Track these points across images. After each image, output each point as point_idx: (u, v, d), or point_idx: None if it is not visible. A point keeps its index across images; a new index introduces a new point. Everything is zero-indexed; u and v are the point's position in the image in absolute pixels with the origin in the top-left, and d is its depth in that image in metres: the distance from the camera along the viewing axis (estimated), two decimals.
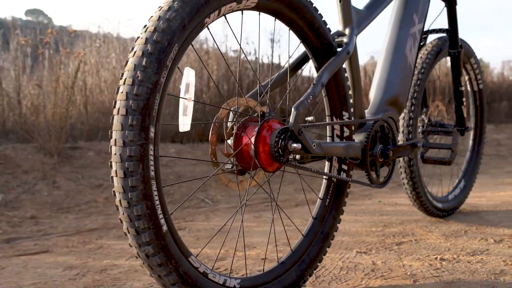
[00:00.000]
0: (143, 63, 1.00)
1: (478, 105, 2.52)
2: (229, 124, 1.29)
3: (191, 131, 4.07)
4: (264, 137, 1.25)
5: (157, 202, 1.04)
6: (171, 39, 1.03)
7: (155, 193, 1.03)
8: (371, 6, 1.69)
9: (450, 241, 1.87)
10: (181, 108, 1.11)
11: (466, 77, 2.46)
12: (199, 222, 2.43)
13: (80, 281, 1.59)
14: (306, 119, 1.42)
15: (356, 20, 1.58)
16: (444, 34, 2.18)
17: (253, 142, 1.23)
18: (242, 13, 1.25)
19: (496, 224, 2.11)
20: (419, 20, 1.87)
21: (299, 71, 1.55)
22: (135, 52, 1.03)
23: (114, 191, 1.03)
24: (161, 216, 1.04)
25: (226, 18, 1.21)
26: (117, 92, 1.02)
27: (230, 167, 1.31)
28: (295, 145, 1.26)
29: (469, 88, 2.51)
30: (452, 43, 2.17)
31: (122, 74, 1.04)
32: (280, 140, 1.25)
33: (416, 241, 1.89)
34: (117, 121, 1.00)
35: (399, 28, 1.81)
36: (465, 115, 2.25)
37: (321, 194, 1.53)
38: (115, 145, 1.00)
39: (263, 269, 1.35)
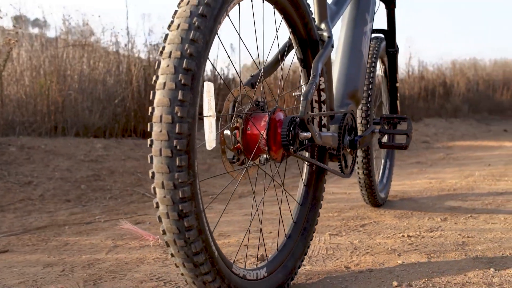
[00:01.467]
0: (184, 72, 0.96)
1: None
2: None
3: (115, 125, 3.96)
4: (275, 126, 1.27)
5: (208, 233, 1.03)
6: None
7: (206, 225, 1.03)
8: (338, 3, 1.81)
9: (404, 221, 2.10)
10: (206, 126, 1.05)
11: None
12: (153, 215, 2.41)
13: (73, 275, 1.54)
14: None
15: (329, 15, 1.69)
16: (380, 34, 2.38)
17: (264, 132, 1.24)
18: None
19: (432, 206, 2.39)
20: (370, 19, 2.03)
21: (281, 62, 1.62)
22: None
23: (164, 230, 0.99)
24: (212, 243, 1.04)
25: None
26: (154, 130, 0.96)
27: (235, 160, 1.33)
28: (305, 134, 1.30)
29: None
30: (390, 42, 2.35)
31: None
32: (291, 130, 1.27)
33: (376, 223, 2.09)
34: (160, 162, 0.95)
35: (354, 27, 1.94)
36: (399, 109, 2.49)
37: (305, 181, 1.60)
38: (163, 187, 0.95)
39: (277, 248, 1.42)
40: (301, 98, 1.31)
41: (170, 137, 0.93)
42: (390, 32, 2.34)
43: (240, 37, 1.36)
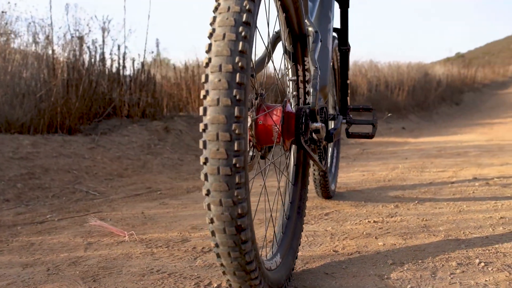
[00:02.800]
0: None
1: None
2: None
3: (40, 121, 3.71)
4: (289, 117, 1.31)
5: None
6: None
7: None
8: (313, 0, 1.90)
9: (362, 209, 2.26)
10: None
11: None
12: (108, 212, 2.34)
13: (64, 274, 1.48)
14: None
15: (309, 11, 1.77)
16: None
17: (278, 123, 1.26)
18: None
19: (379, 196, 2.58)
20: (332, 17, 2.15)
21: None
22: None
23: (217, 243, 0.99)
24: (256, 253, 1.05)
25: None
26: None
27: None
28: (316, 124, 1.36)
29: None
30: (343, 41, 2.42)
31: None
32: (303, 121, 1.32)
33: (337, 212, 2.22)
34: (218, 181, 0.93)
35: (319, 24, 2.03)
36: (348, 105, 2.64)
37: (295, 160, 1.66)
38: (221, 205, 0.94)
39: (283, 231, 1.47)
40: (311, 89, 1.36)
41: (228, 156, 0.91)
42: (343, 31, 2.41)
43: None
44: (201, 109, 0.94)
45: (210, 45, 0.94)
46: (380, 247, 1.65)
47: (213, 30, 0.96)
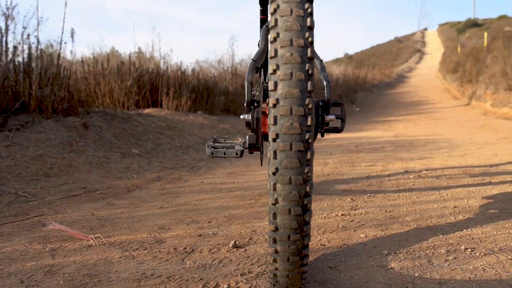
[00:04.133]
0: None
1: None
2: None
3: None
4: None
5: None
6: None
7: None
8: None
9: (323, 204, 2.29)
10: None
11: None
12: (55, 214, 2.14)
13: (45, 284, 1.32)
14: None
15: None
16: None
17: None
18: None
19: (328, 190, 2.64)
20: None
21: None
22: None
23: (277, 226, 0.94)
24: None
25: None
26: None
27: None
28: (330, 117, 1.34)
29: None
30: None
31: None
32: (320, 112, 1.32)
33: None
34: (290, 157, 0.90)
35: None
36: None
37: None
38: (290, 183, 0.90)
39: None
40: (325, 82, 1.35)
41: (302, 131, 0.88)
42: None
43: None
44: (270, 83, 0.89)
45: (276, 20, 0.91)
46: (364, 239, 1.68)
47: (277, 5, 0.92)
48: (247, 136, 1.34)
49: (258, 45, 2.51)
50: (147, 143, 4.48)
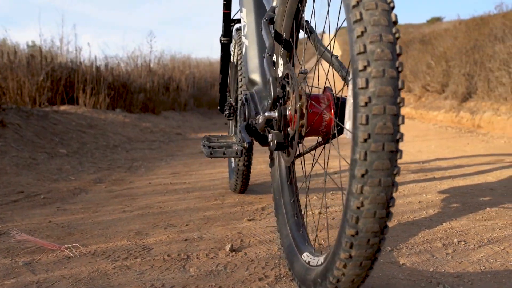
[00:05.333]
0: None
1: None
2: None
3: None
4: (339, 106, 1.19)
5: None
6: None
7: None
8: None
9: None
10: (347, 111, 0.98)
11: None
12: (3, 224, 1.90)
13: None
14: None
15: None
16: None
17: (332, 112, 1.18)
18: None
19: None
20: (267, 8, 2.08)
21: None
22: None
23: (358, 231, 0.88)
24: None
25: None
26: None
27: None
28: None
29: None
30: (226, 31, 2.37)
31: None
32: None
33: (269, 206, 2.19)
34: (382, 158, 0.84)
35: (259, 14, 1.99)
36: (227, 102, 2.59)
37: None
38: (379, 185, 0.85)
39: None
40: (349, 78, 1.28)
41: (394, 130, 0.84)
42: (226, 22, 2.35)
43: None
44: (360, 80, 0.83)
45: (360, 14, 0.85)
46: None
47: None
48: (272, 134, 1.26)
49: (220, 40, 2.42)
50: (71, 142, 4.17)
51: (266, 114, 1.25)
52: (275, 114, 1.23)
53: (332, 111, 1.17)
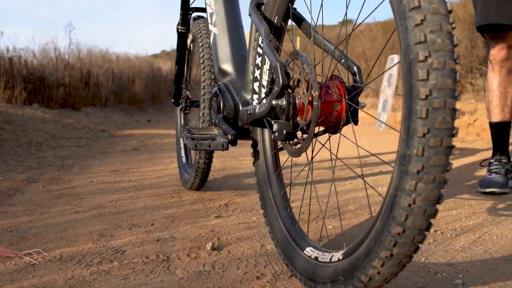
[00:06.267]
0: None
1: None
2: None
3: None
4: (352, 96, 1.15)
5: None
6: None
7: None
8: None
9: (250, 197, 2.21)
10: (380, 103, 0.93)
11: None
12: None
13: None
14: None
15: None
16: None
17: (344, 101, 1.12)
18: None
19: (240, 183, 2.56)
20: None
21: None
22: None
23: (405, 229, 0.83)
24: None
25: None
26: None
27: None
28: (363, 103, 1.18)
29: None
30: (184, 20, 2.28)
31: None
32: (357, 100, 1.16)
33: (233, 202, 2.12)
34: (440, 154, 0.80)
35: (234, 4, 1.92)
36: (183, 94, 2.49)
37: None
38: (434, 182, 0.81)
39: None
40: (356, 68, 1.22)
41: (452, 125, 0.80)
42: (184, 10, 2.26)
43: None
44: (420, 71, 0.78)
45: (419, 0, 0.80)
46: (336, 230, 1.66)
47: None
48: (280, 124, 1.18)
49: (177, 29, 2.29)
50: None
51: (274, 102, 1.17)
52: (283, 102, 1.16)
53: (344, 100, 1.12)
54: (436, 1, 0.80)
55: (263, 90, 1.43)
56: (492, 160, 2.30)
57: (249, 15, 1.41)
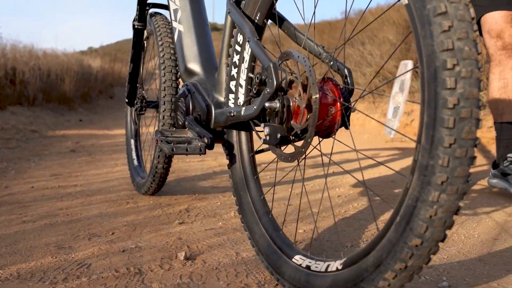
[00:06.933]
0: None
1: None
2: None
3: None
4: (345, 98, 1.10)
5: None
6: None
7: None
8: None
9: (211, 200, 2.13)
10: (390, 109, 0.89)
11: None
12: None
13: None
14: None
15: None
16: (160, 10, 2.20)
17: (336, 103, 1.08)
18: None
19: (195, 186, 2.47)
20: None
21: None
22: None
23: (426, 239, 0.81)
24: None
25: None
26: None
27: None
28: (354, 106, 1.13)
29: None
30: (141, 16, 2.16)
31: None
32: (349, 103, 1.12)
33: (193, 207, 2.03)
34: (465, 165, 0.79)
35: (200, 0, 1.84)
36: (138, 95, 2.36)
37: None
38: (457, 193, 0.79)
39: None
40: (347, 71, 1.18)
41: (476, 135, 0.78)
42: (142, 5, 2.15)
43: None
44: (448, 80, 0.75)
45: (446, 6, 0.76)
46: (304, 234, 1.63)
47: None
48: (272, 127, 1.11)
49: (134, 25, 2.16)
50: None
51: (267, 104, 1.11)
52: (277, 105, 1.11)
53: (338, 104, 1.08)
54: (462, 8, 0.77)
55: (241, 90, 1.37)
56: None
57: (228, 12, 1.35)
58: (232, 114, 1.28)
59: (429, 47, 0.77)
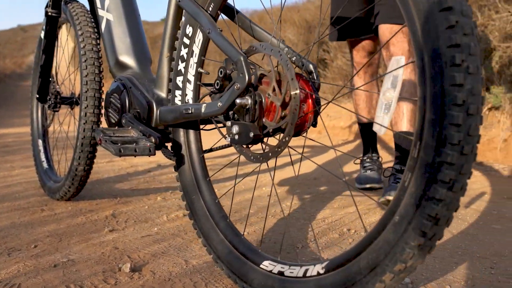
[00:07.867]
0: None
1: None
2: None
3: None
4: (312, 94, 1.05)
5: None
6: None
7: None
8: None
9: (136, 204, 1.98)
10: (381, 104, 0.86)
11: None
12: None
13: None
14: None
15: None
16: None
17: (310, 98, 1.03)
18: None
19: (110, 189, 2.29)
20: None
21: None
22: None
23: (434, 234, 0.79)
24: None
25: None
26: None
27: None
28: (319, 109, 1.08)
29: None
30: (55, 2, 1.95)
31: None
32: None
33: (120, 212, 1.88)
34: (470, 162, 0.77)
35: None
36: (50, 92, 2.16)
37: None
38: (461, 190, 0.77)
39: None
40: (312, 66, 1.13)
41: (479, 132, 0.77)
42: None
43: None
44: (457, 76, 0.72)
45: (451, 1, 0.74)
46: (248, 237, 1.57)
47: None
48: (243, 126, 1.02)
49: (47, 12, 1.93)
50: None
51: (238, 101, 1.03)
52: (248, 101, 1.03)
53: (310, 100, 1.03)
54: (465, 4, 0.76)
55: (189, 86, 1.27)
56: (365, 158, 2.44)
57: (179, 1, 1.24)
58: (190, 112, 1.18)
59: (433, 43, 0.75)
